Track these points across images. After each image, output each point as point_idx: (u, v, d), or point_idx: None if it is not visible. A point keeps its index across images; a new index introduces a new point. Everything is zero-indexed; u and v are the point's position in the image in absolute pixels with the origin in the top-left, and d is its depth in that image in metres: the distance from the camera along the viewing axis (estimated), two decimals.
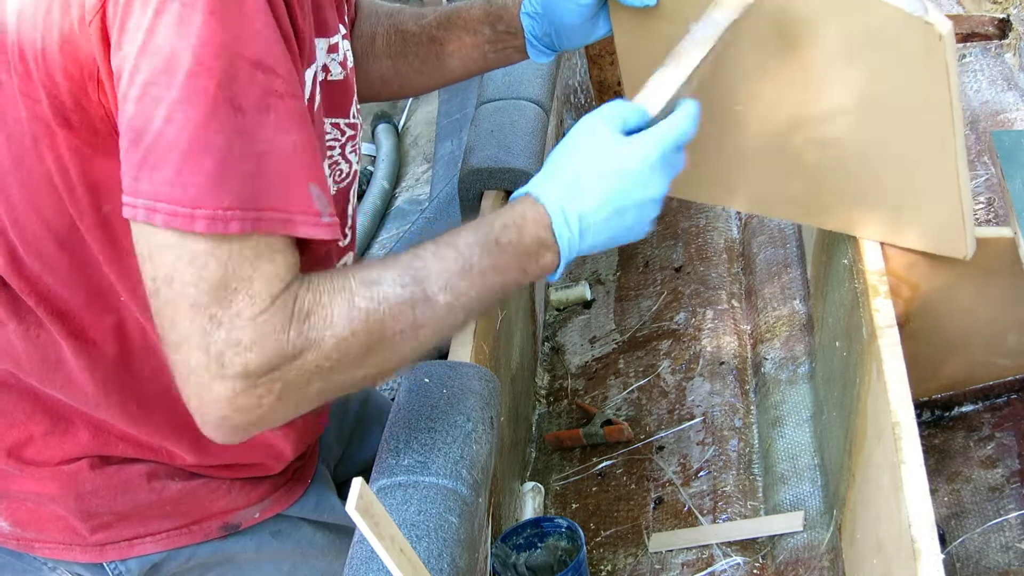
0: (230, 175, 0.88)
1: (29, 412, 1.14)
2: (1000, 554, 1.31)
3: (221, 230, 0.88)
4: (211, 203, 0.88)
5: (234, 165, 0.88)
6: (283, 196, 0.91)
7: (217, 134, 0.88)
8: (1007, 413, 1.49)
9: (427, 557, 1.03)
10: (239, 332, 0.90)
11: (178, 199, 0.88)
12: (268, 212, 0.90)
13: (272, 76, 0.90)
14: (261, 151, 0.89)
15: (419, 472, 1.11)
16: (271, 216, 0.90)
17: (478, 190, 1.60)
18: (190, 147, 0.87)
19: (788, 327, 1.70)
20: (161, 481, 1.19)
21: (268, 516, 1.27)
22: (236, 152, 0.88)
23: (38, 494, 1.17)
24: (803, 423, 1.53)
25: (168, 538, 1.21)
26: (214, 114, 0.87)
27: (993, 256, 1.31)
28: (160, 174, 0.88)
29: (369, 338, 0.96)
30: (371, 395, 1.56)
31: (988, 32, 2.16)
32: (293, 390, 0.94)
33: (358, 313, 0.95)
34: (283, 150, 0.91)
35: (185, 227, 0.88)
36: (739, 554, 1.41)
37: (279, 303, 0.92)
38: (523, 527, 1.41)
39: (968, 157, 1.65)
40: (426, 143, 3.47)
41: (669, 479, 1.56)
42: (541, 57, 1.37)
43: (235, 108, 0.88)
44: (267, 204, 0.90)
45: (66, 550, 1.20)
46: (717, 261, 1.94)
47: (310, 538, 1.32)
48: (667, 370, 1.74)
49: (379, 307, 0.96)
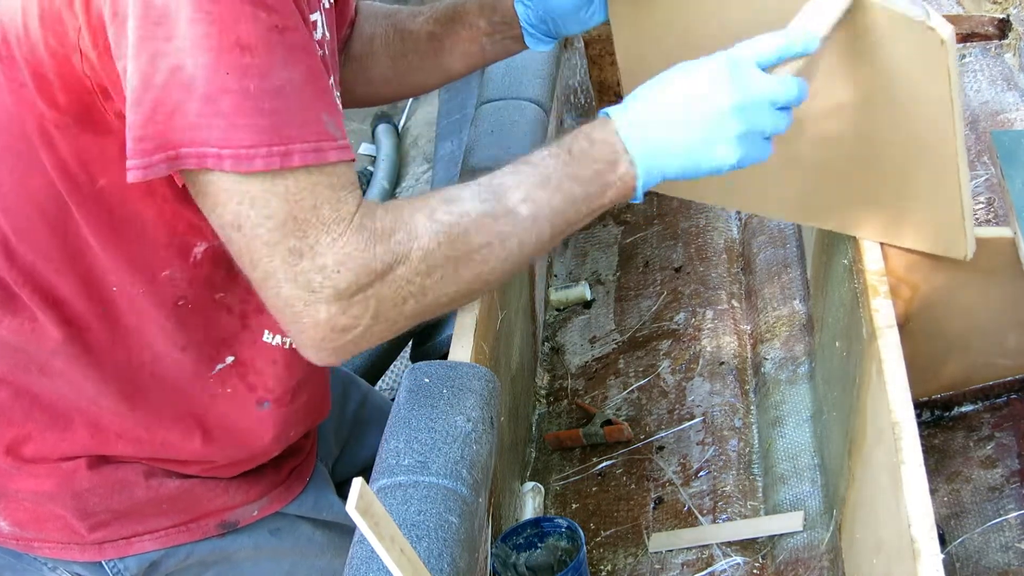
0: (250, 112, 0.89)
1: (27, 409, 1.14)
2: (1000, 554, 1.31)
3: (244, 169, 0.89)
4: (235, 141, 0.89)
5: (253, 103, 0.89)
6: (304, 128, 0.92)
7: (229, 76, 0.88)
8: (1007, 413, 1.49)
9: (427, 557, 1.03)
10: (322, 257, 0.92)
11: (205, 139, 0.88)
12: (296, 144, 0.91)
13: (272, 13, 0.90)
14: (275, 87, 0.90)
15: (419, 472, 1.11)
16: (300, 148, 0.91)
17: None
18: (206, 92, 0.88)
19: (788, 327, 1.70)
20: (158, 479, 1.19)
21: (266, 514, 1.27)
22: (252, 91, 0.89)
23: (36, 493, 1.17)
24: (803, 423, 1.53)
25: (166, 536, 1.21)
26: (223, 57, 0.88)
27: (993, 256, 1.31)
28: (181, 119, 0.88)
29: (455, 250, 0.97)
30: (370, 395, 1.56)
31: (988, 32, 2.16)
32: (389, 307, 0.95)
33: (440, 226, 0.97)
34: (294, 83, 0.91)
35: (216, 166, 0.89)
36: (739, 554, 1.41)
37: (356, 224, 0.93)
38: (523, 527, 1.41)
39: (968, 157, 1.65)
40: (426, 143, 3.47)
41: (669, 479, 1.56)
42: (540, 45, 1.36)
43: (242, 48, 0.88)
44: (292, 136, 0.91)
45: (65, 549, 1.20)
46: (717, 261, 1.94)
47: (309, 536, 1.32)
48: (667, 370, 1.74)
49: (461, 220, 0.98)
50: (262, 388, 1.18)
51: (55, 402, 1.14)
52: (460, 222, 0.98)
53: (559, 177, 1.03)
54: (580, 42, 2.29)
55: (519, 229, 1.01)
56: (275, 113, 0.90)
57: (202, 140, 0.89)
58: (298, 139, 0.91)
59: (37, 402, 1.14)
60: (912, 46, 1.11)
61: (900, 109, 1.18)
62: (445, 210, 0.98)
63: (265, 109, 0.90)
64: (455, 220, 0.98)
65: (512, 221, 1.01)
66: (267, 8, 0.90)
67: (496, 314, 1.45)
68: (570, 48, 2.33)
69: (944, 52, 1.10)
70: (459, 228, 0.98)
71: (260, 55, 0.89)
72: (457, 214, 0.98)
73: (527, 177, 1.02)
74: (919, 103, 1.15)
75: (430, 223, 0.97)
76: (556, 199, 1.03)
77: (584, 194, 1.04)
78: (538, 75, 1.89)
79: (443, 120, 3.38)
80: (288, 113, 0.91)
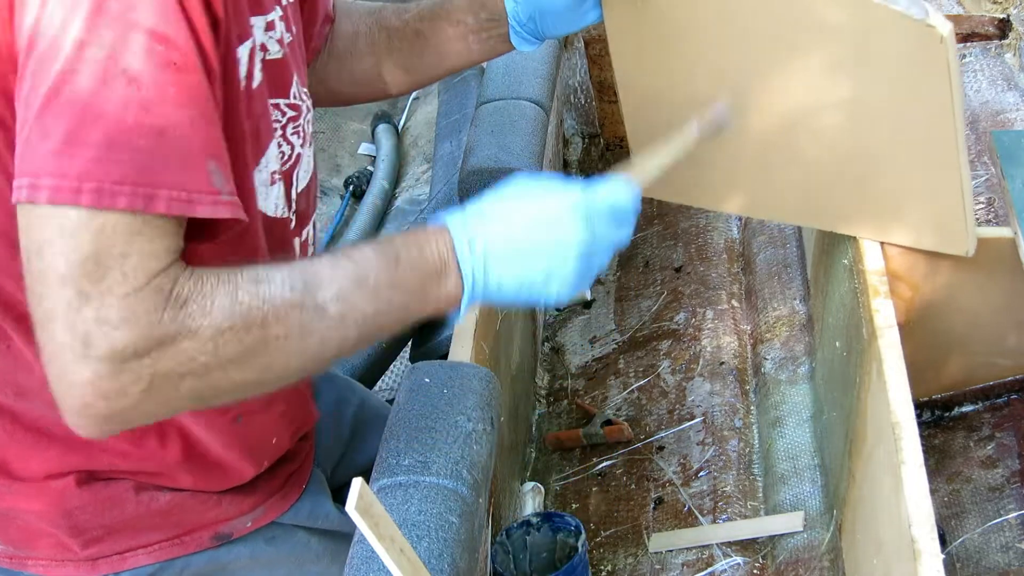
0: (121, 148, 0.84)
1: (8, 430, 1.12)
2: (1000, 554, 1.31)
3: (108, 204, 0.83)
4: (99, 175, 0.83)
5: (127, 138, 0.84)
6: (181, 173, 0.86)
7: (107, 104, 0.83)
8: (1007, 413, 1.49)
9: (427, 557, 1.03)
10: (108, 310, 0.85)
11: (63, 172, 0.83)
12: (164, 190, 0.85)
13: (171, 48, 0.86)
14: (157, 124, 0.85)
15: (419, 472, 1.11)
16: (167, 195, 0.85)
17: (478, 190, 1.60)
18: (79, 118, 0.83)
19: (788, 327, 1.70)
20: (149, 493, 1.18)
21: (260, 525, 1.26)
22: (129, 124, 0.84)
23: (27, 511, 1.15)
24: (803, 423, 1.53)
25: (160, 550, 1.20)
26: (105, 85, 0.83)
27: (993, 256, 1.31)
28: (46, 146, 0.83)
29: (249, 336, 0.90)
30: (367, 399, 1.56)
31: (988, 32, 2.16)
32: (164, 383, 0.88)
33: (240, 307, 0.90)
34: (181, 124, 0.86)
35: (70, 200, 0.83)
36: (739, 554, 1.41)
37: (155, 284, 0.86)
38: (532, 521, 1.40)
39: (968, 157, 1.64)
40: (426, 143, 3.47)
41: (669, 479, 1.55)
42: (525, 45, 1.34)
43: (129, 79, 0.84)
44: (163, 181, 0.85)
45: (58, 566, 1.19)
46: (717, 261, 1.94)
47: (305, 543, 1.31)
48: (667, 370, 1.74)
49: (263, 305, 0.91)
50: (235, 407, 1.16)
51: (35, 420, 1.12)
52: (261, 307, 0.91)
53: (379, 282, 0.97)
54: (580, 42, 2.29)
55: (323, 327, 0.94)
56: (150, 151, 0.85)
57: (61, 172, 0.83)
58: (169, 185, 0.86)
59: (18, 422, 1.12)
60: (912, 44, 1.11)
61: (900, 107, 1.18)
62: (250, 290, 0.91)
63: (140, 146, 0.85)
64: (257, 304, 0.91)
65: (318, 318, 0.94)
66: (166, 43, 0.85)
67: (496, 314, 1.45)
68: (570, 48, 2.33)
69: (944, 49, 1.10)
70: (259, 314, 0.91)
71: (147, 89, 0.84)
72: (260, 298, 0.91)
73: (345, 274, 0.96)
74: (919, 100, 1.16)
75: (229, 302, 0.90)
76: (371, 305, 0.97)
77: (403, 304, 0.99)
78: (538, 75, 1.89)
79: (442, 120, 3.38)
80: (163, 154, 0.85)
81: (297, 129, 1.17)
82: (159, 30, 0.85)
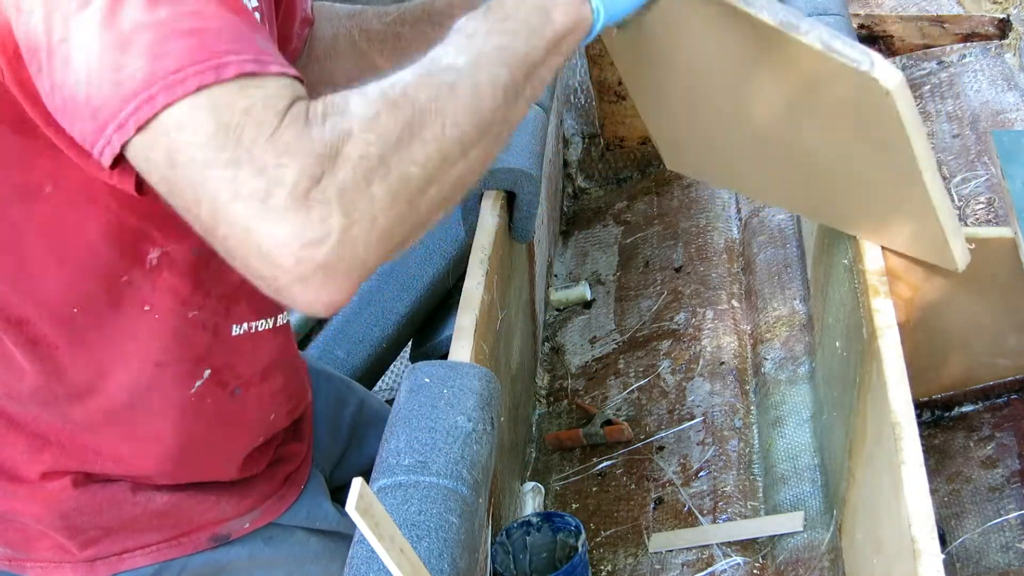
0: (168, 39, 0.81)
1: (3, 433, 1.13)
2: (1000, 554, 1.31)
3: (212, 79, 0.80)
4: (185, 63, 0.80)
5: (169, 29, 0.81)
6: (234, 43, 0.83)
7: (157, 15, 0.81)
8: (1007, 413, 1.49)
9: (427, 557, 1.03)
10: (262, 157, 0.80)
11: (149, 82, 0.80)
12: (230, 56, 0.82)
13: None
14: (193, 10, 0.83)
15: (419, 472, 1.11)
16: (235, 59, 0.82)
17: (478, 190, 1.60)
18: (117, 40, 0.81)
19: (788, 327, 1.70)
20: (146, 494, 1.17)
21: (259, 526, 1.26)
22: (164, 19, 0.81)
23: (24, 513, 1.15)
24: (803, 423, 1.53)
25: (158, 551, 1.20)
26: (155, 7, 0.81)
27: (993, 256, 1.31)
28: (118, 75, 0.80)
29: (400, 110, 0.86)
30: (367, 400, 1.56)
31: (988, 32, 2.16)
32: (354, 195, 0.82)
33: (375, 94, 0.87)
34: (214, 8, 0.84)
35: (175, 98, 0.80)
36: (739, 554, 1.41)
37: (290, 115, 0.82)
38: (532, 521, 1.40)
39: (968, 157, 1.64)
40: None
41: (669, 479, 1.55)
42: None
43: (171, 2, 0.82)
44: (223, 51, 0.82)
45: (57, 568, 1.19)
46: (717, 261, 1.94)
47: (304, 543, 1.31)
48: (667, 370, 1.74)
49: (395, 84, 0.88)
50: (233, 380, 1.16)
51: (29, 423, 1.12)
52: (395, 85, 0.88)
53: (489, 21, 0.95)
54: None
55: (464, 76, 0.90)
56: (198, 33, 0.82)
57: (131, 93, 0.80)
58: (231, 52, 0.82)
59: (12, 424, 1.12)
60: (860, 94, 1.07)
61: (865, 143, 1.15)
62: (376, 85, 0.88)
63: (185, 30, 0.81)
64: (389, 86, 0.88)
65: (453, 72, 0.90)
66: None
67: (496, 314, 1.45)
68: None
69: (891, 101, 1.05)
70: (395, 91, 0.87)
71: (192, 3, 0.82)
72: (390, 83, 0.88)
73: (454, 36, 0.94)
74: (880, 142, 1.13)
75: (362, 97, 0.86)
76: (492, 40, 0.94)
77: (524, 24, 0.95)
78: None
79: None
80: (212, 31, 0.82)
81: None
82: None
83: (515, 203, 1.60)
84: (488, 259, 1.43)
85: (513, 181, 1.59)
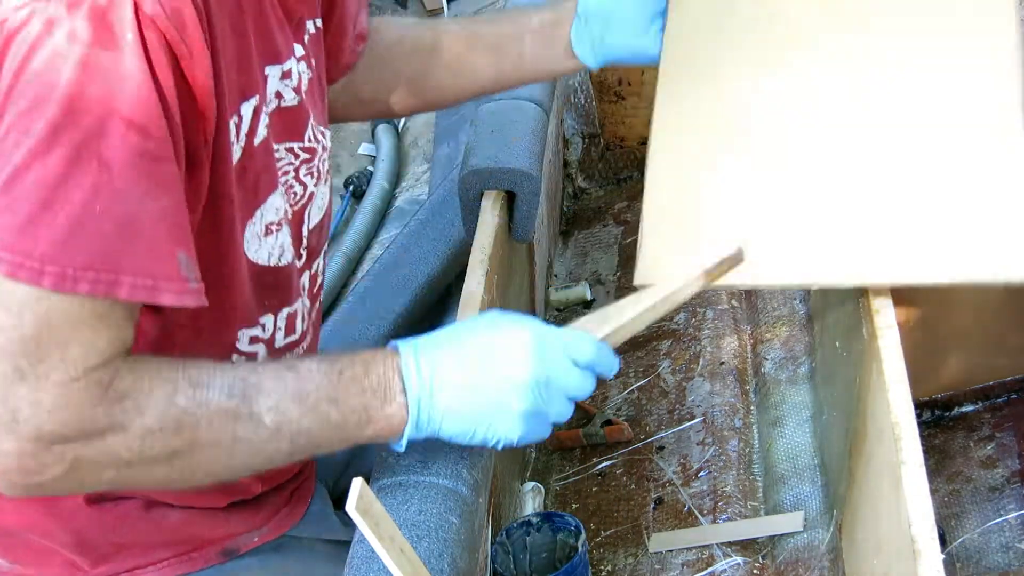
0: (87, 233, 0.84)
1: None
2: (1000, 554, 1.31)
3: (70, 288, 0.84)
4: (63, 260, 0.84)
5: (93, 224, 0.84)
6: (148, 261, 0.87)
7: (76, 189, 0.84)
8: (1007, 413, 1.49)
9: (427, 557, 1.03)
10: (42, 393, 0.86)
11: (27, 251, 0.84)
12: (128, 277, 0.86)
13: (146, 138, 0.86)
14: (127, 212, 0.85)
15: (419, 472, 1.11)
16: (131, 281, 0.86)
17: (478, 190, 1.60)
18: (46, 199, 0.83)
19: (788, 327, 1.70)
20: (159, 511, 1.18)
21: (267, 540, 1.27)
22: (97, 210, 0.84)
23: (35, 530, 1.15)
24: (803, 423, 1.53)
25: (168, 567, 1.20)
26: (77, 168, 0.84)
27: None
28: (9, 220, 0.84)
29: (178, 439, 0.91)
30: None
31: None
32: (85, 469, 0.90)
33: (174, 410, 0.91)
34: (151, 214, 0.87)
35: (32, 280, 0.84)
36: (739, 554, 1.41)
37: (94, 377, 0.87)
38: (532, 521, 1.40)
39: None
40: (426, 143, 3.48)
41: (669, 479, 1.55)
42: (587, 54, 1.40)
43: (102, 165, 0.84)
44: (129, 267, 0.86)
45: None
46: None
47: (310, 548, 1.32)
48: (667, 370, 1.74)
49: (198, 410, 0.91)
50: None
51: None
52: (195, 412, 0.91)
53: (319, 397, 0.96)
54: None
55: (256, 437, 0.94)
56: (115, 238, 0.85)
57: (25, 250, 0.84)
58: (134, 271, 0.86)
59: None
60: None
61: None
62: (187, 394, 0.91)
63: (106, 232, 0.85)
64: (191, 408, 0.91)
65: (252, 427, 0.94)
66: (142, 132, 0.86)
67: None
68: None
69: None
70: (191, 418, 0.91)
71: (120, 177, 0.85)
72: (197, 402, 0.91)
73: (286, 385, 0.95)
74: None
75: (165, 403, 0.90)
76: (307, 419, 0.96)
77: (341, 422, 0.98)
78: None
79: (442, 121, 3.38)
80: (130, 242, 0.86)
81: (311, 170, 1.17)
82: (136, 119, 0.85)
83: (515, 203, 1.60)
84: (488, 259, 1.43)
85: (513, 181, 1.59)
